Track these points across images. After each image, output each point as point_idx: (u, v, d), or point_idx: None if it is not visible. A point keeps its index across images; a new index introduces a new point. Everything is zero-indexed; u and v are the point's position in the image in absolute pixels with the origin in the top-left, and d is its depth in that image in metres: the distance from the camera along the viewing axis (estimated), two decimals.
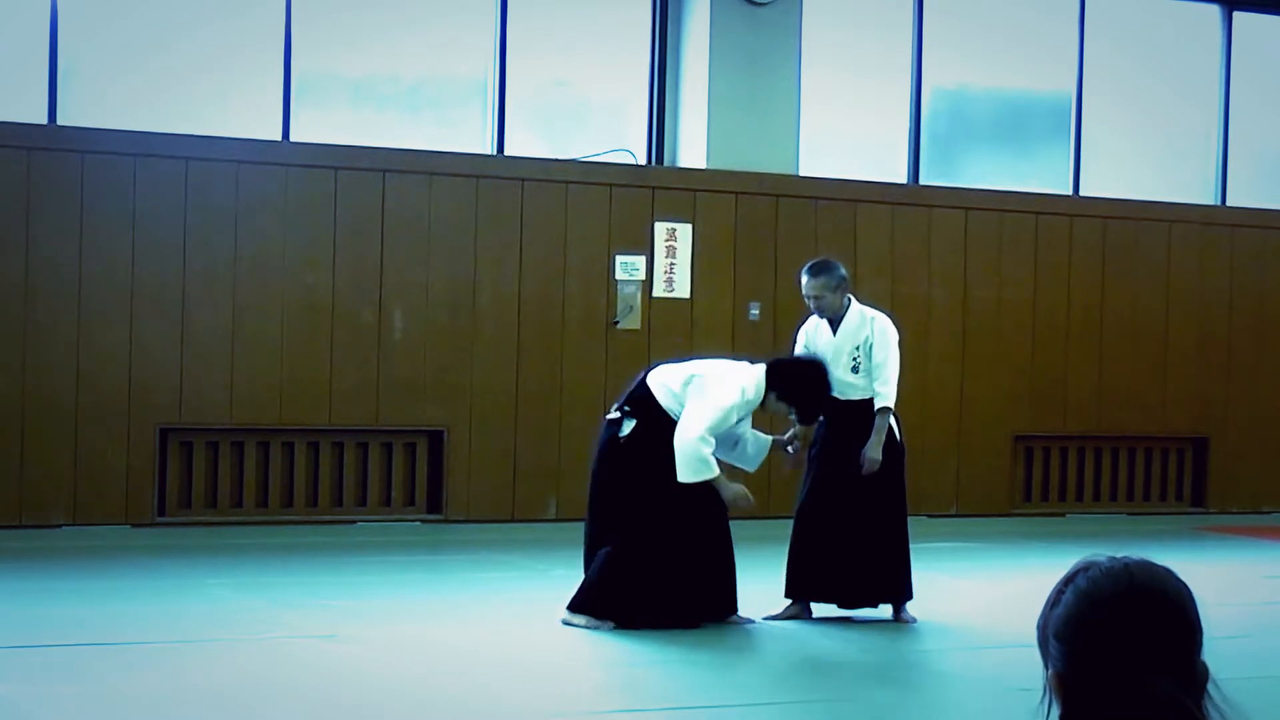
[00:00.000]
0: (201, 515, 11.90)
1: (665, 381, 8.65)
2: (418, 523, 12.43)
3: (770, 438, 8.99)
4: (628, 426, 8.59)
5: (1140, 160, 15.14)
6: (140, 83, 12.01)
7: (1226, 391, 14.99)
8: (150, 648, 7.83)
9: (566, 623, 8.55)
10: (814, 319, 9.25)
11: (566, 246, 12.77)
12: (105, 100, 11.84)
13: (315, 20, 12.32)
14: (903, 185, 14.01)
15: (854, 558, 8.89)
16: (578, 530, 12.26)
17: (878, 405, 8.97)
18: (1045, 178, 14.73)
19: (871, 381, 9.00)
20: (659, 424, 8.52)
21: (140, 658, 7.60)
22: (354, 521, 12.25)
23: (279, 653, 7.77)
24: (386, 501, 12.46)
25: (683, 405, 8.51)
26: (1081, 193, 14.68)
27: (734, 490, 8.48)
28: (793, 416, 8.81)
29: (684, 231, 13.03)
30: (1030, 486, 14.42)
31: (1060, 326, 14.37)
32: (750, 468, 9.05)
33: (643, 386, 8.69)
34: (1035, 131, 14.89)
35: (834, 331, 9.11)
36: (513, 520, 12.56)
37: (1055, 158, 14.77)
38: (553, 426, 12.73)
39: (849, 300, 9.19)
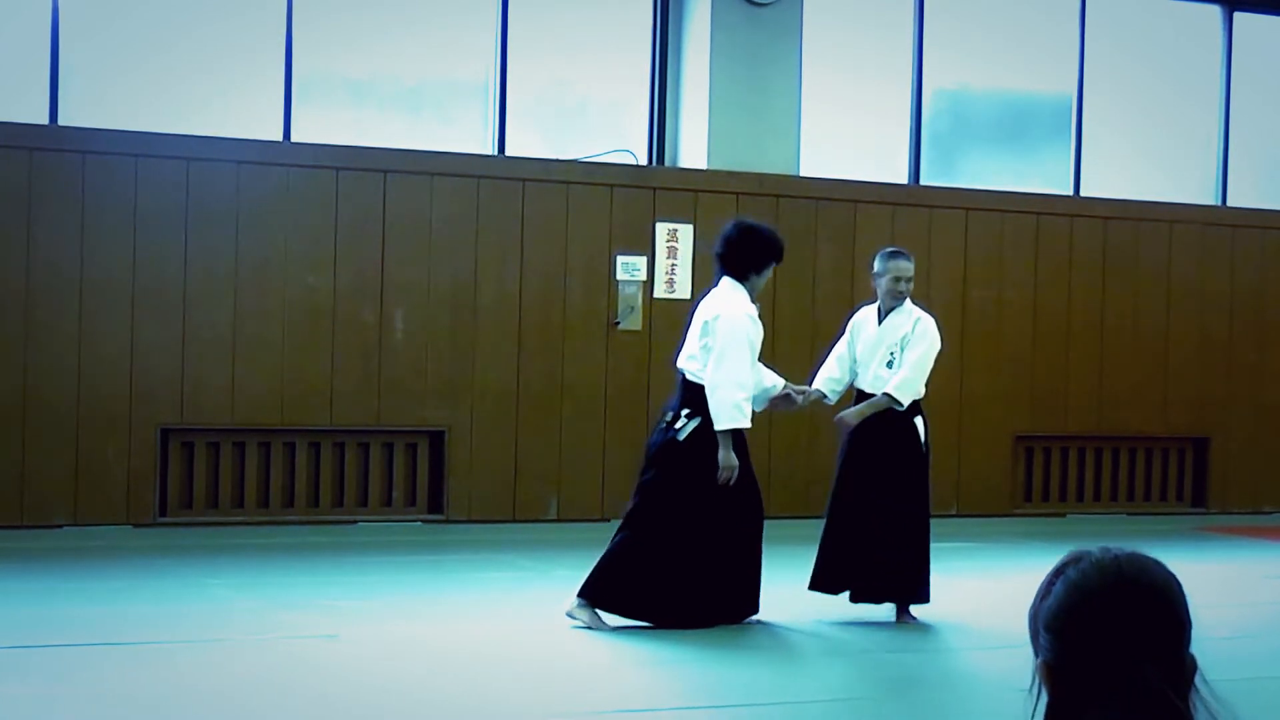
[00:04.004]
0: (203, 516, 11.90)
1: (689, 355, 8.65)
2: (419, 523, 12.43)
3: (775, 384, 8.95)
4: (689, 427, 8.55)
5: (1141, 161, 15.14)
6: (141, 83, 12.02)
7: (1227, 391, 14.99)
8: (151, 648, 7.83)
9: (570, 614, 8.52)
10: (864, 310, 9.28)
11: (567, 247, 12.77)
12: (106, 100, 11.85)
13: (316, 20, 12.32)
14: (903, 186, 14.01)
15: (870, 555, 8.89)
16: (579, 531, 12.33)
17: (884, 389, 8.95)
18: (1046, 178, 14.73)
19: None
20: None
21: (140, 658, 7.61)
22: (355, 522, 12.25)
23: (279, 653, 7.78)
24: (387, 502, 12.46)
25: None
26: (1082, 193, 14.68)
27: (733, 460, 8.48)
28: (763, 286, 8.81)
29: (685, 232, 13.03)
30: (1031, 487, 14.42)
31: (1061, 327, 14.37)
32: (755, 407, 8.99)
33: (686, 383, 8.67)
34: (1036, 132, 14.89)
35: (880, 322, 9.13)
36: (514, 521, 12.56)
37: (1056, 158, 14.77)
38: (554, 427, 12.72)
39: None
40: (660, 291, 12.98)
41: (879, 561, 8.89)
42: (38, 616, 8.59)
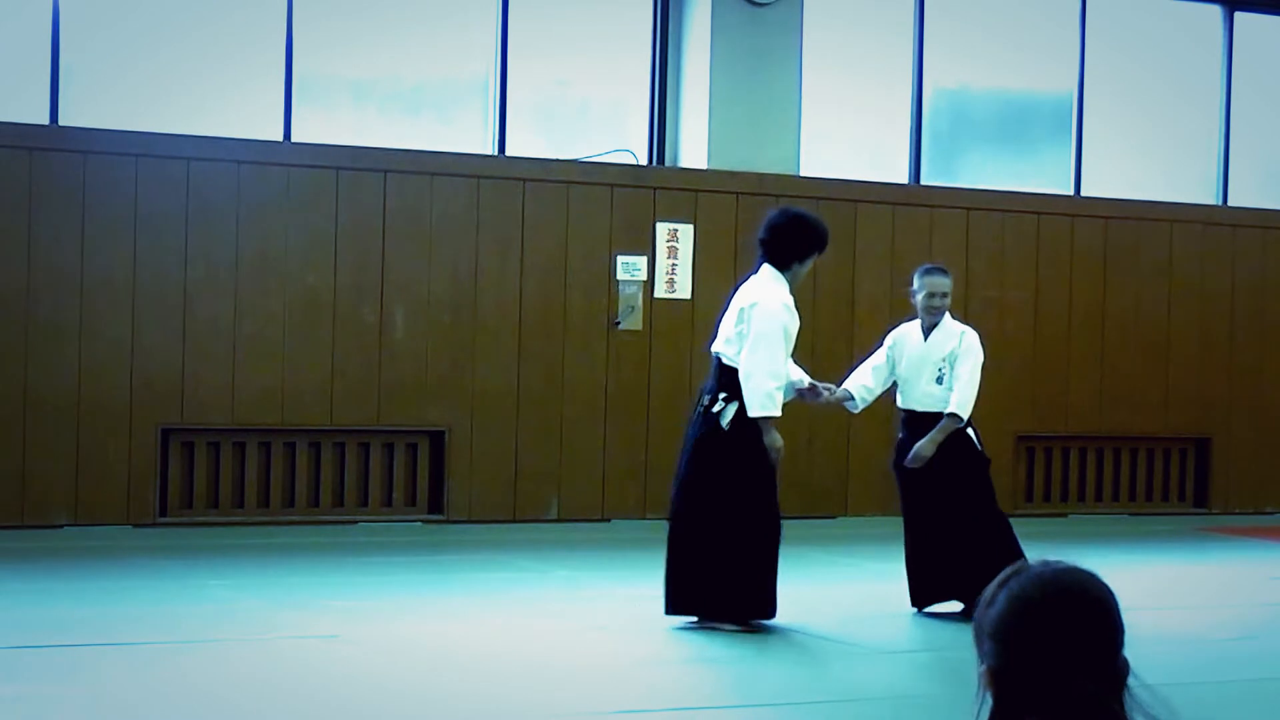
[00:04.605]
0: (203, 515, 11.89)
1: (725, 339, 8.61)
2: (419, 523, 12.42)
3: (801, 379, 8.93)
4: (730, 411, 8.53)
5: (1142, 160, 15.13)
6: (141, 83, 12.02)
7: (1229, 391, 14.97)
8: (151, 648, 7.83)
9: (711, 627, 8.44)
10: (905, 326, 9.31)
11: (568, 247, 12.77)
12: (106, 100, 11.84)
13: (316, 20, 12.32)
14: (904, 185, 14.01)
15: (969, 569, 8.85)
16: (579, 531, 12.34)
17: (948, 409, 8.97)
18: (1047, 178, 14.72)
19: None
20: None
21: (140, 658, 7.60)
22: (355, 522, 12.24)
23: (280, 653, 7.77)
24: (388, 502, 12.45)
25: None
26: (1083, 193, 14.67)
27: (778, 439, 8.48)
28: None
29: (685, 232, 13.03)
30: (1032, 487, 14.41)
31: (1062, 327, 14.36)
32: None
33: (722, 368, 8.64)
34: (1036, 132, 14.89)
35: (925, 339, 9.14)
36: (514, 521, 12.55)
37: (1056, 158, 14.76)
38: (554, 427, 12.72)
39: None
40: (661, 291, 12.97)
41: (977, 571, 8.90)
42: (38, 616, 8.58)
